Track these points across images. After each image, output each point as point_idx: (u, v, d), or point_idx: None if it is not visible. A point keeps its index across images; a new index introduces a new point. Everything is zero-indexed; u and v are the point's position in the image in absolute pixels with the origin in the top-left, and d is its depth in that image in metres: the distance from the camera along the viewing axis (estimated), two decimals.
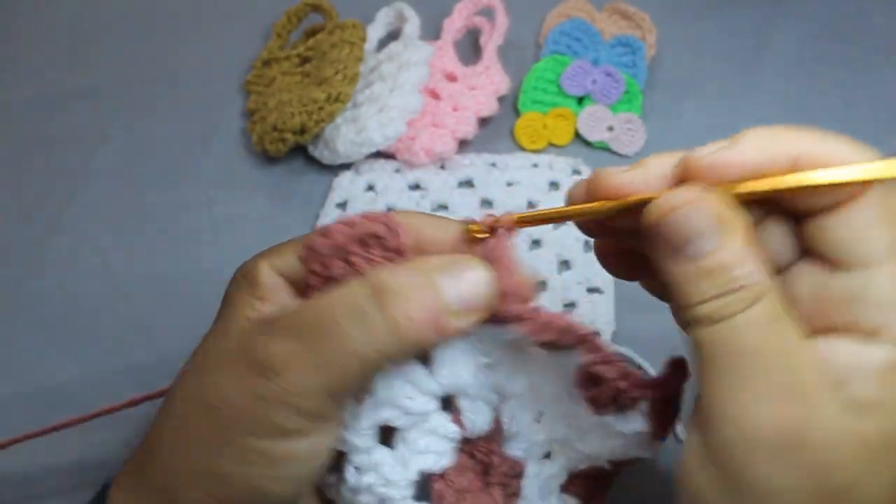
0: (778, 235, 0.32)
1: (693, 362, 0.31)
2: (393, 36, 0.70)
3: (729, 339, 0.29)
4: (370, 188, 0.65)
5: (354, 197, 0.64)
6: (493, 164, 0.66)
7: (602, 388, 0.34)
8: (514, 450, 0.37)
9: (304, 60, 0.71)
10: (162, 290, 0.62)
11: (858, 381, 0.29)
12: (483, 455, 0.36)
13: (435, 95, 0.68)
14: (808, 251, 0.32)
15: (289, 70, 0.71)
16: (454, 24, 0.71)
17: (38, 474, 0.54)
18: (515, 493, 0.37)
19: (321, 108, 0.64)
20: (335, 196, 0.65)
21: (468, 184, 0.65)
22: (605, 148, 0.67)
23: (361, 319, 0.31)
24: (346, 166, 0.66)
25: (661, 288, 0.32)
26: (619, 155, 0.66)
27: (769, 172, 0.30)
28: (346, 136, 0.63)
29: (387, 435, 0.35)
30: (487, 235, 0.34)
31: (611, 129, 0.67)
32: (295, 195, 0.66)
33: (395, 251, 0.33)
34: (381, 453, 0.34)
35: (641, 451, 0.36)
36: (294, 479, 0.33)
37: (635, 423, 0.35)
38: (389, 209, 0.64)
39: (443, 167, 0.66)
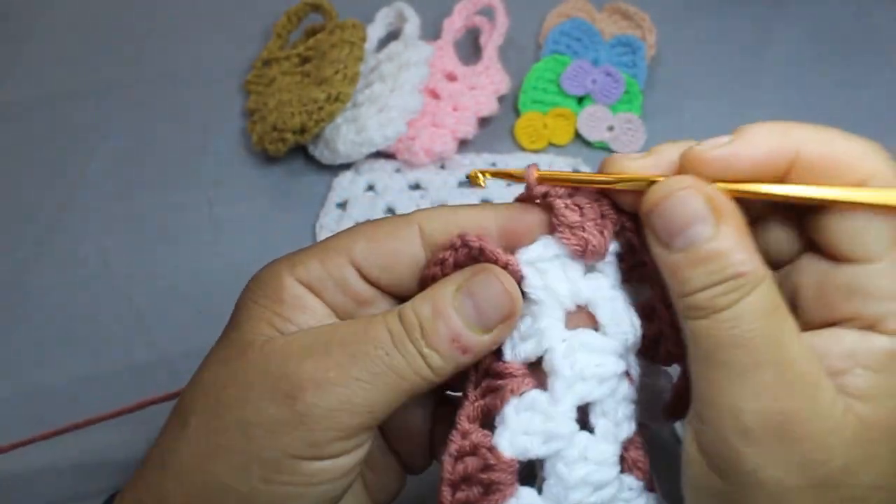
0: (782, 227, 0.33)
1: (689, 352, 0.31)
2: (393, 36, 0.70)
3: (725, 331, 0.29)
4: (370, 188, 0.65)
5: (354, 197, 0.64)
6: (494, 164, 0.66)
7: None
8: None
9: (304, 60, 0.71)
10: (162, 290, 0.62)
11: (858, 369, 0.29)
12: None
13: (435, 95, 0.68)
14: (811, 244, 0.32)
15: (289, 70, 0.71)
16: (454, 24, 0.71)
17: (40, 479, 0.54)
18: None
19: (321, 108, 0.64)
20: (335, 196, 0.65)
21: (468, 184, 0.64)
22: (605, 148, 0.67)
23: (400, 346, 0.32)
24: (346, 166, 0.66)
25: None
26: None
27: (770, 168, 0.30)
28: (346, 136, 0.63)
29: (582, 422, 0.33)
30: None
31: (611, 128, 0.67)
32: (295, 195, 0.66)
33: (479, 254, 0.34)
34: (585, 438, 0.32)
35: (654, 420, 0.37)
36: (320, 498, 0.33)
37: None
38: (389, 209, 0.64)
39: (443, 167, 0.66)
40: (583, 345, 0.33)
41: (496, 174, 0.36)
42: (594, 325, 0.34)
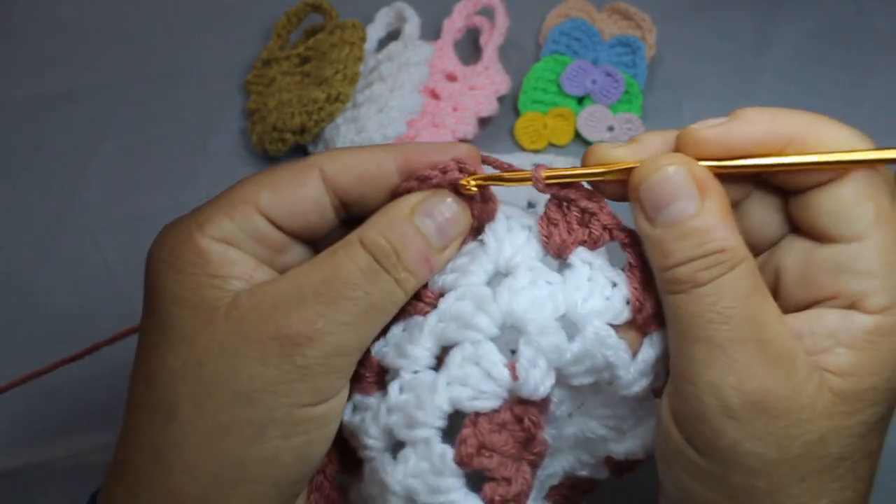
0: (766, 209, 0.34)
1: (670, 328, 0.32)
2: (393, 36, 0.70)
3: (706, 306, 0.30)
4: None
5: None
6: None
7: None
8: (546, 434, 0.36)
9: (304, 60, 0.71)
10: None
11: (839, 348, 0.31)
12: (532, 425, 0.34)
13: (435, 95, 0.68)
14: (795, 226, 0.33)
15: (289, 70, 0.71)
16: (454, 24, 0.71)
17: (36, 475, 0.55)
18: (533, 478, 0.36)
19: (321, 108, 0.64)
20: None
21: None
22: None
23: (374, 280, 0.33)
24: None
25: None
26: None
27: (764, 150, 0.31)
28: (346, 136, 0.63)
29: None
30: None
31: (611, 129, 0.67)
32: None
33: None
34: (426, 374, 0.34)
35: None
36: (332, 435, 0.34)
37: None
38: None
39: None
40: (473, 294, 0.34)
41: (486, 180, 0.35)
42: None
